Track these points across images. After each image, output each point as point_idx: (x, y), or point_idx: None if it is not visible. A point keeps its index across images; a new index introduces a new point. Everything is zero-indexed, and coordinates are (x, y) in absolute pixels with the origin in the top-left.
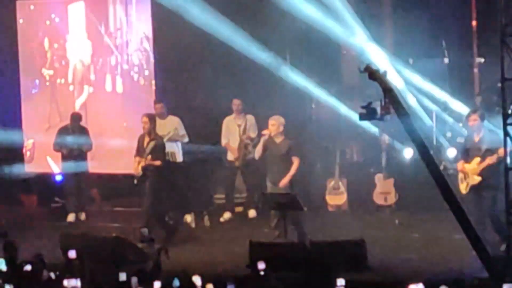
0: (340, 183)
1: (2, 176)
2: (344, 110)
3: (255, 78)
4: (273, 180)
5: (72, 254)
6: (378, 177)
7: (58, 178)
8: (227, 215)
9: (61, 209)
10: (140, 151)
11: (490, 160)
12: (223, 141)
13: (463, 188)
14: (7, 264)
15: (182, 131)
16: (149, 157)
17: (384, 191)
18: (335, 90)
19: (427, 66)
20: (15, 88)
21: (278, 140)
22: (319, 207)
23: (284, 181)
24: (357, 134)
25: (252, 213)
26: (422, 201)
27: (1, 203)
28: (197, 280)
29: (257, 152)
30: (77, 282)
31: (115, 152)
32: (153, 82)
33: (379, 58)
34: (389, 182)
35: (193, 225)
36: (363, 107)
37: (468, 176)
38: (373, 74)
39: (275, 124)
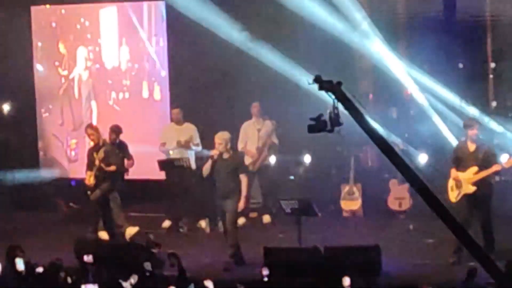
0: (355, 188)
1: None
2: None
3: (270, 84)
4: (223, 196)
5: (89, 258)
6: (393, 183)
7: (73, 183)
8: (241, 220)
9: (77, 214)
10: (90, 165)
11: (497, 167)
12: (240, 146)
13: (453, 196)
14: (11, 268)
15: (197, 139)
16: (99, 163)
17: (398, 196)
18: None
19: (442, 71)
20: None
21: (226, 156)
22: (334, 212)
23: (241, 204)
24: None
25: (266, 218)
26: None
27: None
28: (209, 284)
29: (205, 171)
30: (94, 287)
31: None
32: (168, 88)
33: (394, 64)
34: (404, 188)
35: (207, 230)
36: (312, 119)
37: (461, 185)
38: (323, 85)
39: (222, 142)
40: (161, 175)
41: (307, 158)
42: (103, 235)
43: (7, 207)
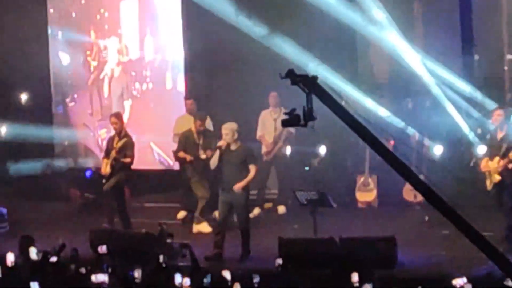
0: (370, 179)
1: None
2: (374, 106)
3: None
4: (228, 188)
5: (102, 249)
6: None
7: (88, 173)
8: (256, 211)
9: (92, 204)
10: (108, 152)
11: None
12: (258, 133)
13: (488, 184)
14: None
15: (210, 129)
16: (116, 153)
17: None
18: (366, 87)
19: (457, 63)
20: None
21: (234, 147)
22: (349, 203)
23: (240, 185)
24: (386, 131)
25: (281, 209)
26: (451, 198)
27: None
28: (227, 274)
29: (213, 163)
30: (105, 277)
31: (144, 148)
32: (184, 79)
33: (410, 55)
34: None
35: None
36: (286, 114)
37: (490, 174)
38: (295, 80)
39: (229, 132)
40: (176, 166)
41: (322, 149)
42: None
43: (22, 198)
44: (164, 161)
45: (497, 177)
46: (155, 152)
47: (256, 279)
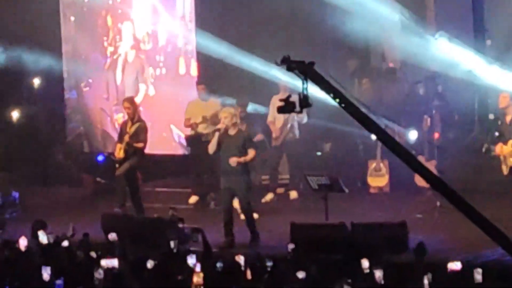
0: (382, 164)
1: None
2: (385, 91)
3: (296, 56)
4: (230, 175)
5: (112, 236)
6: (420, 159)
7: (100, 158)
8: (269, 196)
9: (104, 188)
10: (122, 137)
11: None
12: (269, 119)
13: (505, 169)
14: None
15: None
16: (129, 138)
17: None
18: (377, 71)
19: (469, 47)
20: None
21: (233, 132)
22: (361, 189)
23: (237, 159)
24: (398, 116)
25: (293, 194)
26: (463, 183)
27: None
28: (240, 259)
29: (211, 148)
30: (115, 262)
31: (157, 133)
32: (195, 63)
33: (422, 40)
34: (431, 164)
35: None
36: (281, 100)
37: (506, 158)
38: (291, 66)
39: (228, 116)
40: (188, 151)
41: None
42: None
43: (34, 183)
44: (184, 142)
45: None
46: (175, 134)
47: (269, 263)
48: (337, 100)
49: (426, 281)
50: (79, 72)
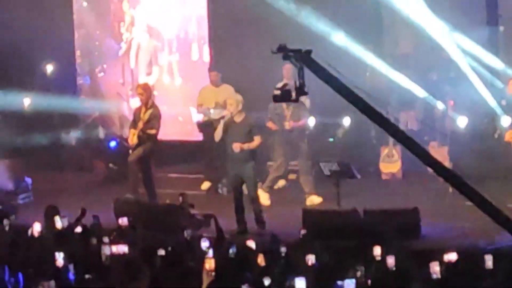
0: (394, 151)
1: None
2: (398, 78)
3: (308, 44)
4: (237, 162)
5: (123, 221)
6: (432, 145)
7: (112, 144)
8: (281, 182)
9: (116, 174)
10: (135, 123)
11: None
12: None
13: None
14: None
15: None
16: (143, 124)
17: (438, 159)
18: (390, 58)
19: (482, 34)
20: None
21: (239, 119)
22: (373, 175)
23: (240, 145)
24: (411, 102)
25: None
26: (476, 169)
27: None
28: (251, 244)
29: (217, 135)
30: (125, 248)
31: (169, 118)
32: (208, 49)
33: (435, 26)
34: (443, 150)
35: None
36: (277, 89)
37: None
38: (287, 54)
39: (233, 103)
40: (200, 136)
41: (346, 120)
42: None
43: (46, 168)
44: None
45: None
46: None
47: (283, 249)
48: (336, 88)
49: (437, 268)
50: (93, 58)
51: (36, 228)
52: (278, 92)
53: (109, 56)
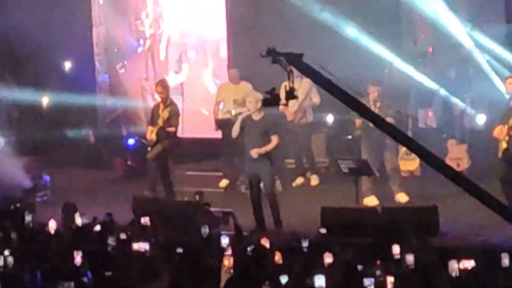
0: None
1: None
2: (417, 75)
3: (326, 41)
4: (254, 160)
5: (145, 220)
6: (451, 143)
7: (131, 141)
8: (299, 180)
9: (134, 172)
10: (154, 120)
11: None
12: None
13: (500, 152)
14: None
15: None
16: (163, 122)
17: (456, 156)
18: (409, 55)
19: (501, 31)
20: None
21: (257, 117)
22: None
23: (258, 150)
24: (429, 100)
25: (314, 180)
26: (494, 167)
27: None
28: (266, 243)
29: (234, 131)
30: (146, 245)
31: (187, 116)
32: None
33: (454, 23)
34: (462, 148)
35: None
36: (267, 93)
37: (500, 141)
38: (276, 58)
39: (252, 101)
40: (219, 134)
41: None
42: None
43: (65, 166)
44: None
45: (504, 145)
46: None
47: (305, 243)
48: (330, 90)
49: (456, 266)
50: (113, 55)
51: (52, 225)
52: (268, 96)
53: (129, 52)
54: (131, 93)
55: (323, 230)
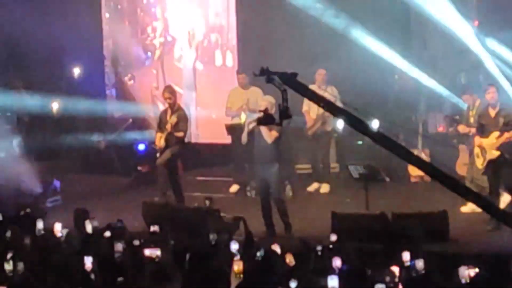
0: (423, 154)
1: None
2: (427, 80)
3: (337, 48)
4: (263, 164)
5: (155, 228)
6: (462, 148)
7: (141, 147)
8: (315, 185)
9: (145, 178)
10: (162, 126)
11: (509, 135)
12: (304, 108)
13: (479, 163)
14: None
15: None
16: (171, 127)
17: (467, 162)
18: (419, 61)
19: (508, 36)
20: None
21: None
22: (402, 178)
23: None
24: (439, 105)
25: (325, 188)
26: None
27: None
28: (276, 248)
29: (244, 137)
30: (158, 251)
31: (197, 122)
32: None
33: (464, 28)
34: None
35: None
36: (261, 111)
37: (485, 151)
38: (270, 78)
39: (267, 105)
40: (229, 139)
41: (375, 123)
42: None
43: (75, 171)
44: None
45: (495, 153)
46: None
47: (319, 247)
48: (326, 108)
49: (466, 272)
50: (120, 67)
51: (58, 228)
52: (262, 116)
53: (137, 64)
54: (142, 103)
55: (334, 237)
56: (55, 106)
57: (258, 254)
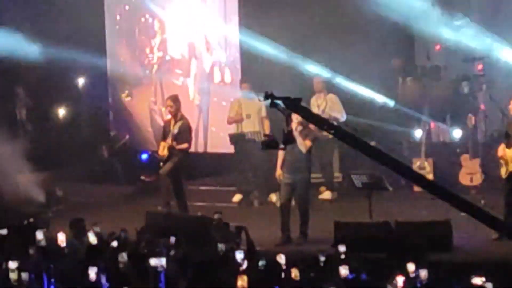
0: (426, 163)
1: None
2: (430, 90)
3: (338, 54)
4: (291, 170)
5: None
6: (464, 158)
7: (144, 156)
8: (327, 194)
9: (148, 187)
10: (165, 136)
11: None
12: None
13: (503, 172)
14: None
15: (265, 112)
16: (174, 139)
17: (470, 171)
18: (421, 70)
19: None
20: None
21: (300, 128)
22: (405, 187)
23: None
24: (442, 115)
25: (327, 194)
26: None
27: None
28: (281, 258)
29: (302, 146)
30: (163, 261)
31: (201, 131)
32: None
33: (474, 38)
34: (475, 163)
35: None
36: (265, 136)
37: (508, 162)
38: (274, 103)
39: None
40: (232, 149)
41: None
42: None
43: (78, 181)
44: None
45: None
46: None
47: (322, 258)
48: (332, 131)
49: (469, 281)
50: (119, 83)
51: (61, 238)
52: (266, 140)
53: (134, 82)
54: (139, 118)
55: (343, 248)
56: (60, 113)
57: (260, 263)
